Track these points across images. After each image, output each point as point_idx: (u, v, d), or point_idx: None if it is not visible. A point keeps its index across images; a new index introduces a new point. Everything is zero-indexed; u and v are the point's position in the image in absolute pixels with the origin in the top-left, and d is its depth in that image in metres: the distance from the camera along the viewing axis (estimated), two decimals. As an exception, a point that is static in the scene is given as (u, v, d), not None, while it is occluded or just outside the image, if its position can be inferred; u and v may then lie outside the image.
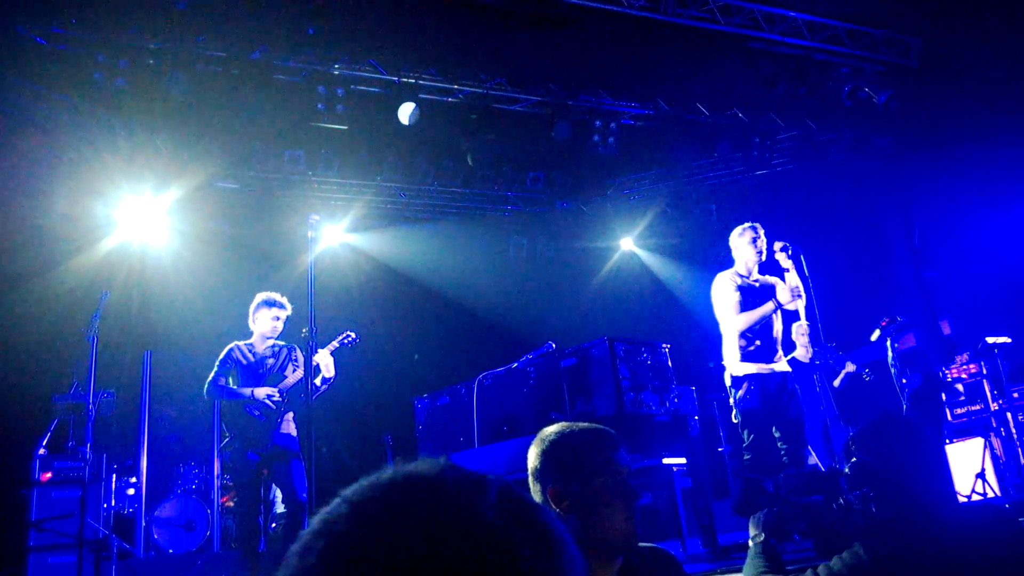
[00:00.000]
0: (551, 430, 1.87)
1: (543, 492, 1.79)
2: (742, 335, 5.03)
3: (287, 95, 7.31)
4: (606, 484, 1.75)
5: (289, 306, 5.58)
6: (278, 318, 5.48)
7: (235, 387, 5.36)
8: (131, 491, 7.00)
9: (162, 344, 7.77)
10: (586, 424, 1.87)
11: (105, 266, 7.79)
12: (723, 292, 5.11)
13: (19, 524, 5.51)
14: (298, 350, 5.59)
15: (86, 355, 5.86)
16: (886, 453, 2.26)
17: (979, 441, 6.86)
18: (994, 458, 6.82)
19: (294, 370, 5.47)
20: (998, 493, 6.53)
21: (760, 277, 5.24)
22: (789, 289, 5.09)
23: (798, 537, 3.83)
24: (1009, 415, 7.06)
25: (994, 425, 7.13)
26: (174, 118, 7.37)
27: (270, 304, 5.50)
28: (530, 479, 1.85)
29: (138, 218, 8.07)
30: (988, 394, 7.25)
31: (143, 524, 6.80)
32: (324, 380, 5.34)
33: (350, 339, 5.54)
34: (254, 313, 5.53)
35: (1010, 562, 2.08)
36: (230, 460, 5.50)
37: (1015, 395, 7.10)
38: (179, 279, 8.34)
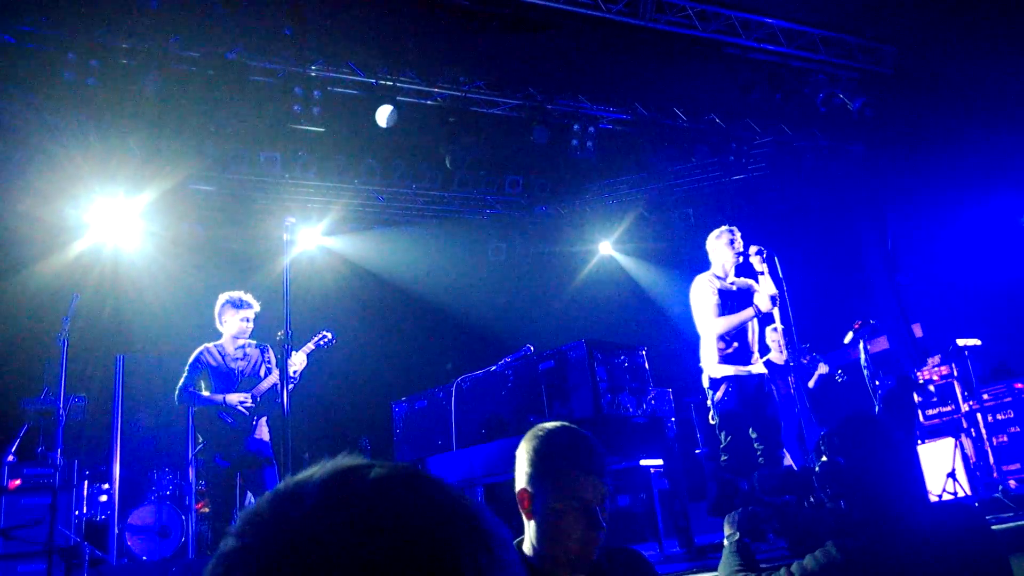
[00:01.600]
0: (545, 428, 1.84)
1: (519, 485, 1.79)
2: (720, 338, 5.08)
3: (263, 96, 7.24)
4: (571, 507, 1.71)
5: (256, 304, 5.47)
6: (247, 319, 5.38)
7: (207, 392, 5.28)
8: (104, 498, 6.88)
9: (135, 348, 7.66)
10: (577, 435, 1.81)
11: (77, 268, 7.67)
12: (702, 295, 5.15)
13: (-15, 532, 5.39)
14: (271, 350, 5.51)
15: (56, 359, 5.76)
16: (855, 452, 2.28)
17: (950, 441, 6.97)
18: (964, 458, 6.93)
19: (267, 372, 5.39)
20: (968, 492, 6.63)
21: (737, 280, 5.30)
22: (767, 295, 5.15)
23: (772, 536, 3.86)
24: (979, 416, 7.19)
25: (964, 426, 7.25)
26: (147, 119, 7.27)
27: (236, 305, 5.39)
28: (516, 464, 1.84)
29: (111, 220, 7.95)
30: (959, 395, 7.37)
31: (116, 531, 6.69)
32: (294, 372, 5.22)
33: (326, 340, 5.46)
34: (220, 315, 5.41)
35: (979, 560, 2.11)
36: (203, 467, 5.42)
37: (985, 396, 7.22)
38: (153, 282, 8.22)
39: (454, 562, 0.55)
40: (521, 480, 1.80)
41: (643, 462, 4.98)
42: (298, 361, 5.26)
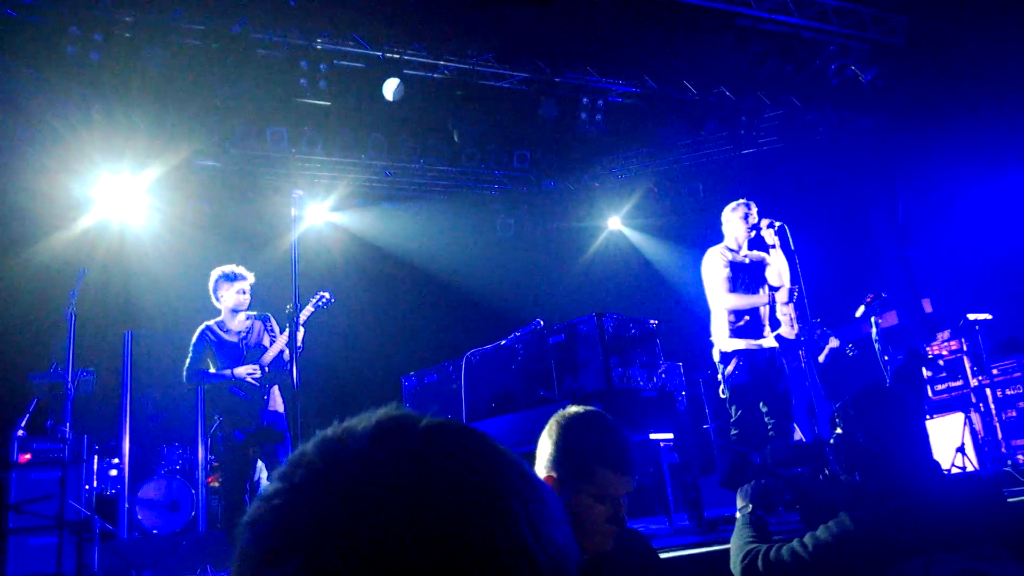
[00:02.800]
0: (574, 415, 1.78)
1: (545, 471, 1.75)
2: (731, 311, 5.05)
3: (269, 71, 7.16)
4: (596, 502, 1.67)
5: (250, 275, 5.39)
6: (243, 291, 5.32)
7: (214, 369, 5.26)
8: (113, 472, 6.93)
9: (143, 324, 7.66)
10: (608, 429, 1.75)
11: (84, 244, 7.65)
12: (714, 268, 5.12)
13: (-3, 507, 5.42)
14: (272, 319, 5.47)
15: (63, 334, 5.77)
16: (870, 424, 2.27)
17: (959, 416, 6.94)
18: (973, 433, 6.91)
19: (271, 341, 5.35)
20: (977, 467, 6.62)
21: (749, 253, 5.26)
22: (778, 271, 5.12)
23: (783, 509, 3.86)
24: (988, 391, 7.16)
25: (974, 401, 7.23)
26: (152, 94, 7.20)
27: (230, 278, 5.32)
28: (539, 448, 1.79)
29: (117, 196, 7.92)
30: (968, 370, 7.33)
31: (126, 505, 6.74)
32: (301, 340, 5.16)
33: (324, 300, 5.30)
34: (216, 291, 5.35)
35: (992, 529, 2.09)
36: (218, 441, 5.42)
37: (995, 371, 7.20)
38: (160, 259, 8.20)
39: (508, 511, 0.53)
40: (545, 464, 1.75)
41: (653, 436, 4.99)
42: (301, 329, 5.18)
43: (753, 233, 5.21)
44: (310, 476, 0.55)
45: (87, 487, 5.99)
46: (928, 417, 7.21)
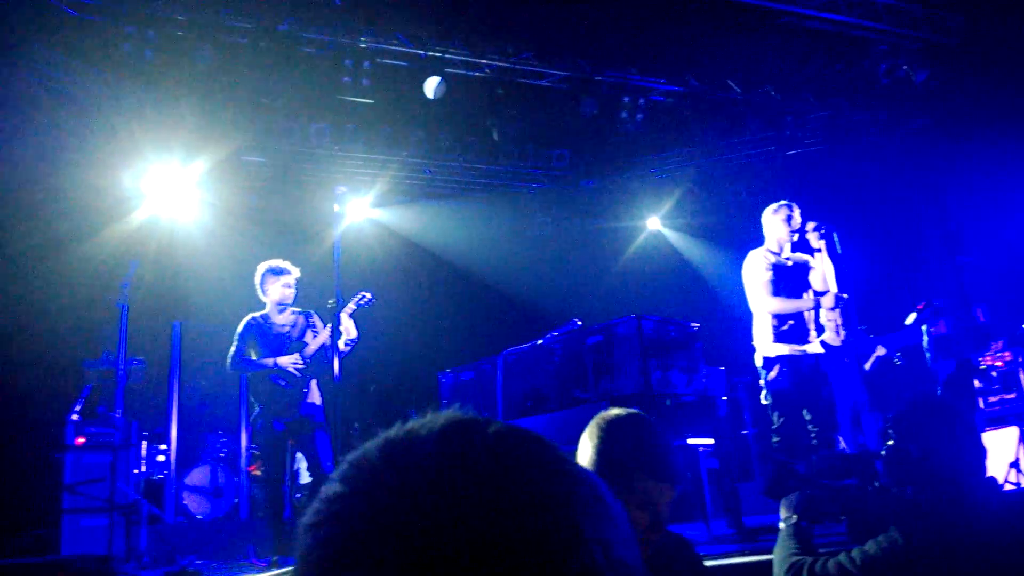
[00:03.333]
0: (613, 419, 1.73)
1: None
2: (775, 315, 4.96)
3: (313, 68, 7.27)
4: (636, 509, 1.61)
5: (296, 270, 5.53)
6: (288, 284, 5.46)
7: (257, 359, 5.40)
8: (161, 458, 7.13)
9: (191, 315, 7.85)
10: (649, 434, 1.70)
11: (136, 237, 7.86)
12: (755, 271, 5.03)
13: (53, 487, 5.62)
14: (315, 315, 5.59)
15: (115, 323, 5.94)
16: (924, 437, 2.22)
17: (1013, 430, 6.74)
18: (1028, 447, 6.70)
19: (314, 335, 5.46)
20: (1031, 483, 6.43)
21: (792, 255, 5.16)
22: (823, 276, 5.02)
23: (829, 521, 3.79)
24: (1044, 404, 6.94)
25: (1029, 414, 7.01)
26: (201, 90, 7.37)
27: (276, 272, 5.47)
28: (579, 450, 1.77)
29: (166, 190, 8.12)
30: (1023, 382, 7.11)
31: (173, 490, 6.93)
32: (348, 342, 5.31)
33: (365, 300, 5.43)
34: (262, 285, 5.50)
35: None
36: (259, 430, 5.56)
37: (1050, 384, 6.97)
38: (207, 251, 8.39)
39: (580, 532, 0.51)
40: (594, 465, 1.71)
41: (691, 441, 4.94)
42: (346, 326, 5.30)
43: (796, 236, 5.11)
44: (373, 482, 0.53)
45: (136, 471, 6.18)
46: (980, 430, 7.00)
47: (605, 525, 0.54)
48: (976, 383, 7.27)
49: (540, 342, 5.51)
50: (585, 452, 1.74)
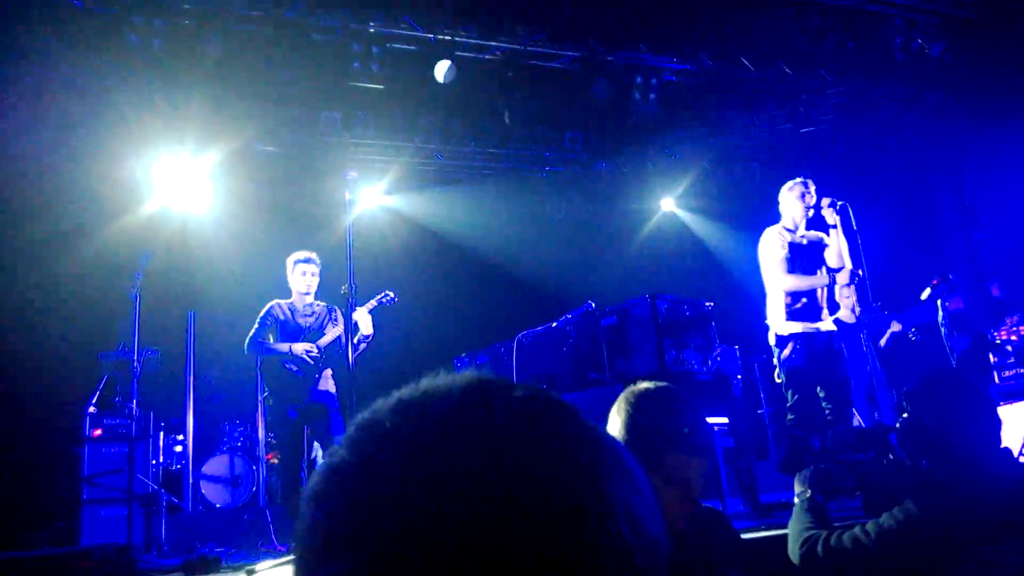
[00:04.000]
0: (643, 392, 1.71)
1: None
2: (788, 293, 4.93)
3: (322, 54, 7.24)
4: (667, 484, 1.60)
5: (318, 261, 5.67)
6: (307, 273, 5.60)
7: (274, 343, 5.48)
8: (179, 448, 7.19)
9: (205, 305, 7.89)
10: (679, 407, 1.67)
11: (149, 227, 7.91)
12: (771, 248, 4.99)
13: (72, 479, 5.69)
14: (338, 311, 5.66)
15: (131, 314, 5.99)
16: (938, 409, 2.20)
17: (1029, 404, 6.67)
18: (1044, 422, 6.63)
19: (333, 327, 5.55)
20: (1048, 457, 6.37)
21: (807, 233, 5.11)
22: (838, 252, 4.98)
23: (843, 495, 3.77)
24: (1060, 379, 6.85)
25: (1043, 388, 6.93)
26: (210, 79, 7.37)
27: (298, 261, 5.63)
28: (609, 425, 1.75)
29: (178, 180, 8.15)
30: (1038, 357, 7.03)
31: (191, 480, 6.99)
32: (363, 338, 5.41)
33: (388, 298, 5.60)
34: (289, 273, 5.66)
35: None
36: (271, 417, 5.63)
37: (1067, 358, 6.88)
38: (220, 241, 8.43)
39: (609, 504, 0.47)
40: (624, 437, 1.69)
41: (708, 419, 4.92)
42: (363, 322, 5.38)
43: (811, 212, 5.07)
44: (384, 449, 0.48)
45: (154, 462, 6.24)
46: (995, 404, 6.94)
47: (634, 499, 0.50)
48: (991, 357, 7.21)
49: (554, 324, 5.50)
50: (614, 426, 1.71)
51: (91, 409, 6.03)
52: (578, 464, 0.48)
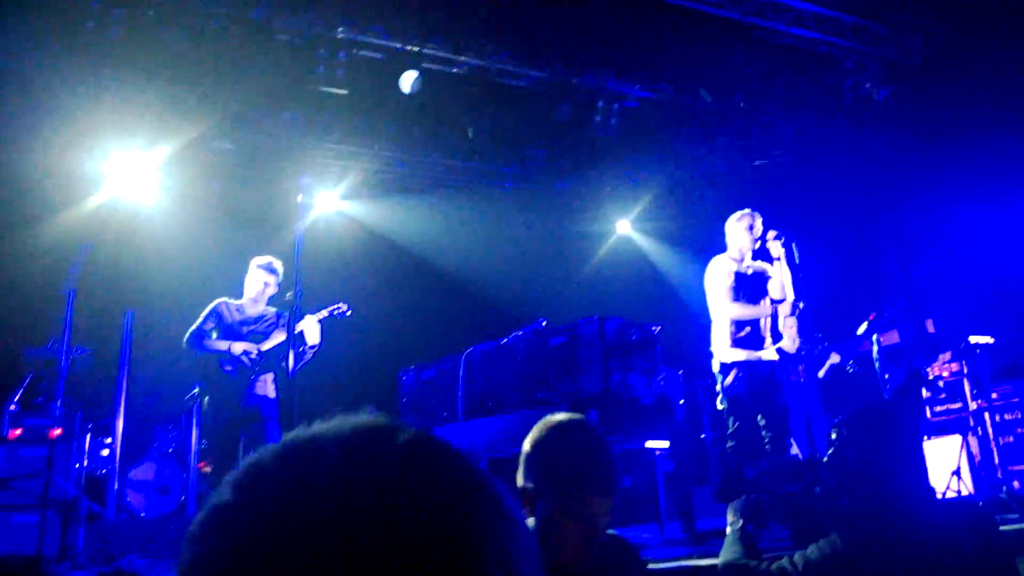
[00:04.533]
0: (553, 427, 1.70)
1: (522, 479, 1.69)
2: (733, 322, 5.04)
3: (287, 56, 7.17)
4: (573, 520, 1.60)
5: (280, 270, 5.53)
6: (259, 280, 5.46)
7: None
8: (105, 451, 6.87)
9: (146, 304, 7.65)
10: (590, 445, 1.66)
11: (95, 221, 7.66)
12: (717, 277, 5.10)
13: (-17, 482, 5.39)
14: (285, 316, 5.53)
15: (65, 309, 5.75)
16: (863, 444, 2.24)
17: (956, 439, 6.92)
18: (970, 457, 6.88)
19: (279, 333, 5.42)
20: (972, 491, 6.60)
21: (752, 264, 5.24)
22: (781, 284, 5.11)
23: (775, 524, 3.85)
24: (987, 415, 7.12)
25: (972, 424, 7.19)
26: (168, 72, 7.21)
27: (259, 266, 5.50)
28: (522, 453, 1.74)
29: (128, 174, 7.92)
30: (968, 393, 7.29)
31: (116, 486, 6.69)
32: (309, 347, 5.29)
33: (341, 311, 5.47)
34: (248, 274, 5.53)
35: (985, 558, 2.08)
36: (206, 421, 5.47)
37: (994, 396, 7.16)
38: (169, 238, 8.21)
39: (479, 546, 0.49)
40: (523, 472, 1.69)
41: (649, 444, 4.98)
42: (310, 331, 5.27)
43: (758, 244, 5.19)
44: (266, 493, 0.48)
45: (77, 465, 5.94)
46: (926, 438, 7.19)
47: (510, 547, 0.51)
48: (924, 392, 7.45)
49: (504, 341, 5.50)
50: (524, 457, 1.71)
51: (12, 408, 5.75)
52: (451, 512, 0.49)
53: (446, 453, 0.54)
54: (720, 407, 5.09)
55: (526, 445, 1.72)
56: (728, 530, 2.55)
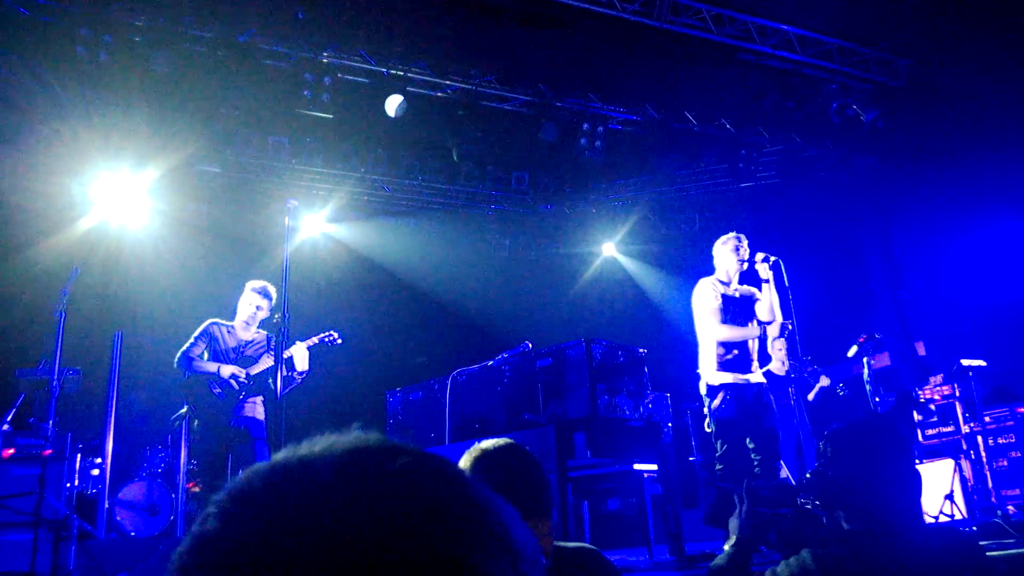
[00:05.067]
0: (483, 452, 1.70)
1: None
2: (720, 344, 5.03)
3: (273, 80, 7.22)
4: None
5: (274, 295, 5.56)
6: (252, 303, 5.50)
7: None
8: (96, 472, 6.87)
9: (135, 326, 7.64)
10: (520, 470, 1.65)
11: (84, 244, 7.67)
12: (704, 300, 5.10)
13: (-23, 500, 5.36)
14: (274, 340, 5.55)
15: (55, 331, 5.75)
16: (850, 461, 2.22)
17: (949, 463, 6.89)
18: (963, 481, 6.85)
19: (268, 357, 5.44)
20: (965, 515, 6.57)
21: (740, 287, 5.25)
22: (770, 306, 5.11)
23: (764, 549, 3.81)
24: (980, 438, 7.10)
25: (964, 448, 7.17)
26: (156, 97, 7.25)
27: (254, 290, 5.54)
28: None
29: (116, 197, 7.94)
30: (960, 416, 7.29)
31: (106, 506, 6.67)
32: (298, 373, 5.33)
33: (331, 339, 5.54)
34: (242, 298, 5.56)
35: None
36: (194, 445, 5.46)
37: (987, 419, 7.14)
38: (157, 261, 8.22)
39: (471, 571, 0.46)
40: None
41: (637, 466, 4.95)
42: (299, 357, 5.30)
43: (744, 266, 5.20)
44: (251, 514, 0.46)
45: (68, 485, 5.93)
46: (918, 462, 7.16)
47: (507, 568, 0.49)
48: (916, 415, 7.43)
49: (490, 363, 5.48)
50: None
51: (4, 427, 5.73)
52: (450, 545, 0.47)
53: (444, 477, 0.51)
54: (708, 430, 5.07)
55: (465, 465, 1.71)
56: (725, 547, 2.53)
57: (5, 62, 6.61)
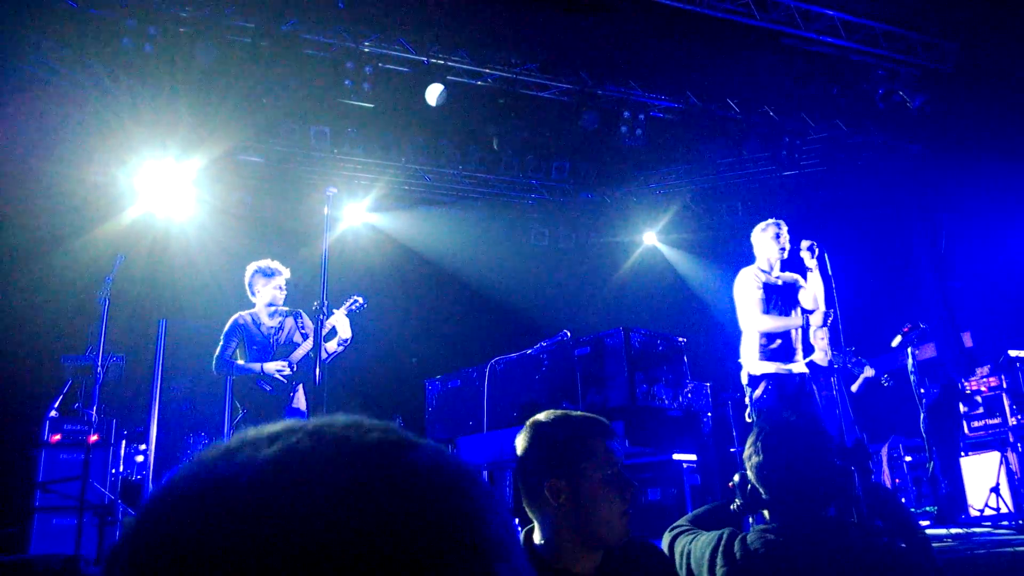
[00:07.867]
0: (542, 418, 1.80)
1: (537, 484, 1.72)
2: (763, 334, 4.95)
3: (315, 70, 7.28)
4: (605, 477, 1.70)
5: (286, 271, 5.45)
6: (280, 287, 5.38)
7: (243, 361, 5.31)
8: (140, 458, 7.01)
9: (180, 314, 7.80)
10: (579, 413, 1.81)
11: (131, 233, 7.84)
12: (746, 289, 5.02)
13: (26, 484, 5.52)
14: (304, 315, 5.51)
15: (101, 318, 5.88)
16: (775, 463, 2.18)
17: (995, 455, 6.73)
18: (1009, 474, 6.69)
19: (303, 338, 5.39)
20: (1012, 509, 6.42)
21: (782, 274, 5.15)
22: (814, 295, 5.02)
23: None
24: (1027, 431, 6.93)
25: (1011, 440, 7.00)
26: (199, 87, 7.37)
27: (267, 274, 5.38)
28: (518, 468, 1.78)
29: (161, 186, 8.10)
30: (1007, 408, 7.10)
31: (150, 491, 6.82)
32: (341, 342, 5.22)
33: (357, 304, 5.34)
34: (252, 286, 5.41)
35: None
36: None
37: (1035, 411, 6.96)
38: (200, 249, 8.37)
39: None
40: (542, 473, 1.72)
41: (676, 456, 4.92)
42: (341, 325, 5.19)
43: (785, 254, 5.10)
44: (170, 511, 0.43)
45: (113, 471, 6.07)
46: (963, 454, 7.00)
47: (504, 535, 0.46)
48: (961, 407, 7.26)
49: (529, 352, 5.48)
50: (536, 454, 1.80)
51: (53, 413, 5.88)
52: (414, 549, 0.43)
53: (456, 489, 0.47)
54: (749, 420, 5.01)
55: (524, 447, 1.77)
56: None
57: (57, 54, 6.77)
